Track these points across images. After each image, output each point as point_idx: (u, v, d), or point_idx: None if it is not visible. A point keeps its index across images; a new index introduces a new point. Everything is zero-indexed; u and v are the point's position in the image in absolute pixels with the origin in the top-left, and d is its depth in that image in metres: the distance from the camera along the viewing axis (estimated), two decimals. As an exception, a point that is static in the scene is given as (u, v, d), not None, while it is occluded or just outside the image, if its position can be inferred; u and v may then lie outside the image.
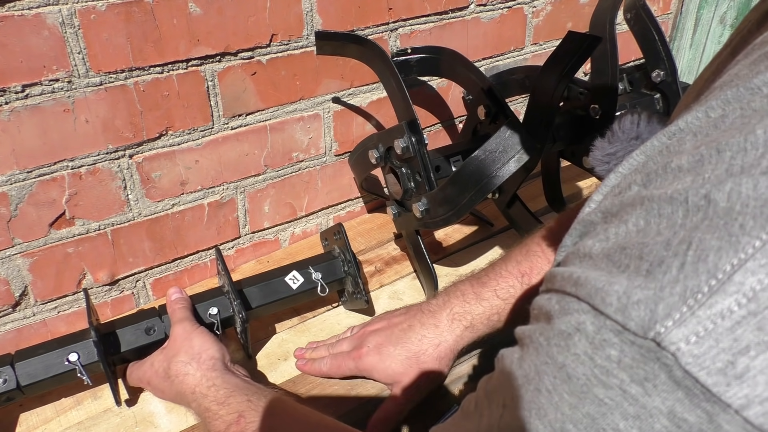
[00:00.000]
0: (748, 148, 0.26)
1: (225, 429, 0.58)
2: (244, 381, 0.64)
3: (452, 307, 0.68)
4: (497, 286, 0.67)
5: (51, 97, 0.70)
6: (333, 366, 0.72)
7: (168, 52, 0.76)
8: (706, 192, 0.26)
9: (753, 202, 0.24)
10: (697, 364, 0.24)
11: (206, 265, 0.94)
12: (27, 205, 0.74)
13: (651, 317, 0.25)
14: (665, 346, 0.25)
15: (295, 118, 0.91)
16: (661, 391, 0.25)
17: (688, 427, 0.25)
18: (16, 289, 0.77)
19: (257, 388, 0.62)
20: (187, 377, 0.65)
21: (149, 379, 0.69)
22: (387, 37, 0.95)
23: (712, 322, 0.24)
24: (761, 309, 0.23)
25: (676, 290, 0.25)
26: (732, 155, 0.26)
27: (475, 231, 1.05)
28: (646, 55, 0.94)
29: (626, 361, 0.26)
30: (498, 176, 0.68)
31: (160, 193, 0.84)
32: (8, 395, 0.67)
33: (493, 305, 0.67)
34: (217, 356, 0.66)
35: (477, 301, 0.67)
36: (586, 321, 0.28)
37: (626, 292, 0.26)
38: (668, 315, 0.25)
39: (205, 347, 0.67)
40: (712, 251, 0.24)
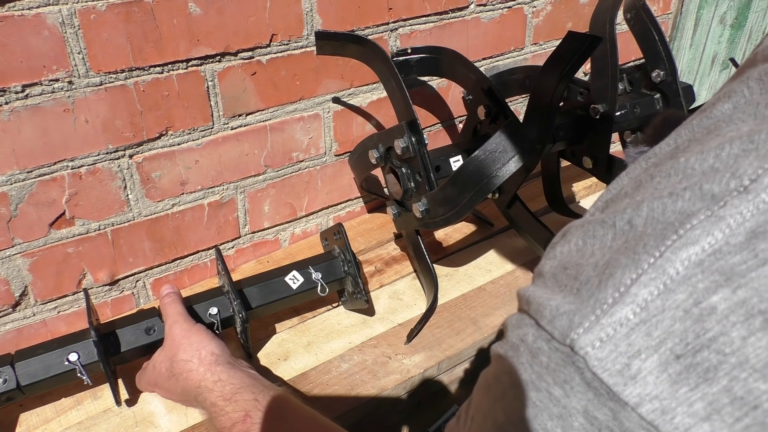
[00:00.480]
0: (671, 174, 0.29)
1: (231, 426, 0.57)
2: (250, 377, 0.63)
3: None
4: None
5: (51, 97, 0.70)
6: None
7: (168, 52, 0.76)
8: (629, 217, 0.29)
9: (657, 224, 0.27)
10: (601, 366, 0.27)
11: (206, 265, 0.94)
12: (27, 205, 0.74)
13: (569, 325, 0.28)
14: (577, 350, 0.28)
15: (295, 118, 0.91)
16: (577, 392, 0.28)
17: (598, 424, 0.27)
18: (16, 289, 0.77)
19: (263, 386, 0.62)
20: (191, 373, 0.64)
21: (155, 381, 0.69)
22: (387, 37, 0.95)
23: (612, 328, 0.27)
24: (650, 317, 0.26)
25: (590, 302, 0.28)
26: (658, 181, 0.29)
27: (475, 231, 1.05)
28: (646, 55, 0.94)
29: (552, 365, 0.29)
30: (498, 176, 0.68)
31: (160, 193, 0.84)
32: (8, 395, 0.67)
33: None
34: (218, 351, 0.66)
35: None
36: (529, 333, 0.31)
37: (558, 306, 0.29)
38: (580, 323, 0.28)
39: (204, 343, 0.67)
40: (620, 268, 0.27)
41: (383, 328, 0.84)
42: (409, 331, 0.82)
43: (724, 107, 0.31)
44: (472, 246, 1.01)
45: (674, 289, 0.26)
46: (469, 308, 0.88)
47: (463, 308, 0.88)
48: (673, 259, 0.26)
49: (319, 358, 0.79)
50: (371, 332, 0.84)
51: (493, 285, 0.92)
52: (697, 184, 0.27)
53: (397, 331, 0.84)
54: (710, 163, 0.28)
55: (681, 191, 0.27)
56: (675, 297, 0.26)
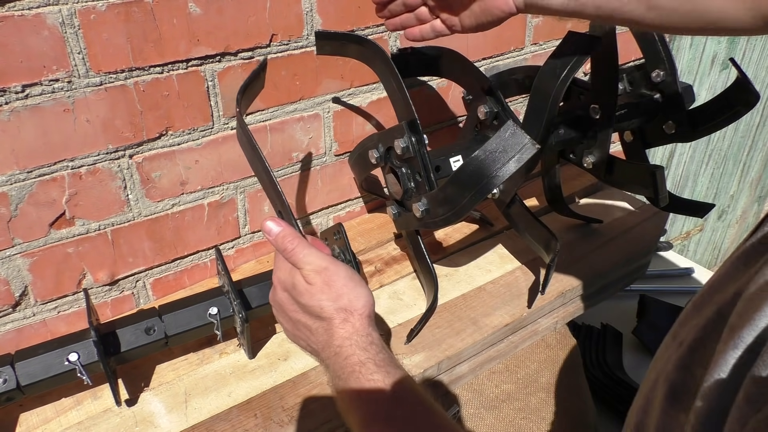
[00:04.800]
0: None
1: (376, 398, 0.52)
2: (394, 357, 0.58)
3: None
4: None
5: (51, 97, 0.70)
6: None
7: (168, 52, 0.76)
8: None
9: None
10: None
11: (206, 265, 0.94)
12: (27, 205, 0.74)
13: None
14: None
15: (295, 118, 0.91)
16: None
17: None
18: (16, 289, 0.77)
19: (407, 373, 0.56)
20: (346, 324, 0.57)
21: (291, 313, 0.60)
22: (387, 37, 0.95)
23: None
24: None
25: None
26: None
27: (475, 231, 1.05)
28: (646, 55, 0.94)
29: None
30: (498, 176, 0.68)
31: (160, 193, 0.84)
32: (8, 395, 0.67)
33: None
34: (373, 314, 0.59)
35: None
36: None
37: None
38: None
39: (369, 299, 0.59)
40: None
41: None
42: (409, 331, 0.82)
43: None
44: (472, 246, 1.01)
45: None
46: (469, 308, 0.88)
47: (463, 308, 0.88)
48: None
49: (319, 358, 0.79)
50: (371, 332, 0.84)
51: (493, 285, 0.92)
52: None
53: (397, 331, 0.84)
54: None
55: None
56: None
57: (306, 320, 0.59)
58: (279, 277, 0.61)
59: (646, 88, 0.96)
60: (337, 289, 0.57)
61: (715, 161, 2.17)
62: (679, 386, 0.42)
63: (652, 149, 1.78)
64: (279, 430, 0.70)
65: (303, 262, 0.58)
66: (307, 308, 0.58)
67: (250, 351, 0.79)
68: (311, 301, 0.58)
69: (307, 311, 0.59)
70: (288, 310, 0.60)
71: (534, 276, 0.94)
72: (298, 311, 0.60)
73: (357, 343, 0.55)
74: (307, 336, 0.59)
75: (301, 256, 0.58)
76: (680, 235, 2.26)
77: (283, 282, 0.61)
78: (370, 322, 0.58)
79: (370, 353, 0.55)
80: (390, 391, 0.52)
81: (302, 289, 0.58)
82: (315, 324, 0.58)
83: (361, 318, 0.57)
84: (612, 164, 0.91)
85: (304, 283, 0.58)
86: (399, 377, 0.53)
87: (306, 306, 0.58)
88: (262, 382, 0.76)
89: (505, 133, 0.67)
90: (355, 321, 0.57)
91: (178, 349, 0.80)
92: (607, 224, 1.07)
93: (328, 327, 0.57)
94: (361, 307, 0.57)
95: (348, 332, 0.56)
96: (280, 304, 0.62)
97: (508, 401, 0.88)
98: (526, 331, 0.91)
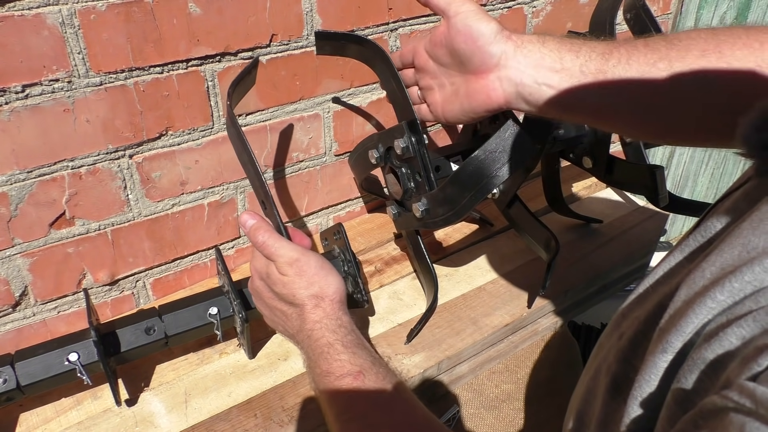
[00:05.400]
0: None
1: (342, 374, 0.55)
2: (363, 339, 0.61)
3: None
4: None
5: (51, 97, 0.70)
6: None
7: (168, 52, 0.76)
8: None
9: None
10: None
11: (206, 265, 0.94)
12: (27, 205, 0.74)
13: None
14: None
15: (295, 118, 0.91)
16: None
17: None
18: (16, 289, 0.77)
19: (378, 356, 0.59)
20: (317, 309, 0.61)
21: (267, 300, 0.65)
22: (387, 37, 0.95)
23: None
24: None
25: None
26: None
27: (475, 231, 1.05)
28: (646, 55, 0.94)
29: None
30: (498, 176, 0.68)
31: (160, 193, 0.84)
32: (8, 395, 0.67)
33: None
34: (344, 299, 0.63)
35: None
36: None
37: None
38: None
39: (339, 286, 0.63)
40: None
41: (383, 328, 0.84)
42: (409, 331, 0.82)
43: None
44: (472, 246, 1.01)
45: None
46: (469, 308, 0.88)
47: (463, 308, 0.88)
48: None
49: (319, 358, 0.79)
50: (371, 332, 0.84)
51: (493, 285, 0.92)
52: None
53: (397, 331, 0.84)
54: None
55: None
56: None
57: (281, 306, 0.64)
58: (255, 266, 0.66)
59: (646, 88, 0.96)
60: (309, 277, 0.62)
61: (715, 161, 2.17)
62: (620, 378, 0.43)
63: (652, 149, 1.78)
64: (279, 430, 0.70)
65: (275, 255, 0.63)
66: (281, 296, 0.63)
67: (250, 351, 0.79)
68: (284, 289, 0.62)
69: (282, 298, 0.63)
70: (265, 297, 0.65)
71: (534, 276, 0.94)
72: (273, 298, 0.64)
73: (327, 326, 0.60)
74: (284, 321, 0.64)
75: (273, 249, 0.63)
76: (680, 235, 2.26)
77: (259, 271, 0.65)
78: (340, 307, 0.62)
79: (339, 335, 0.59)
80: (354, 368, 0.56)
81: (276, 279, 0.63)
82: (289, 310, 0.63)
83: (332, 303, 0.62)
84: (612, 164, 0.91)
85: (278, 274, 0.63)
86: (364, 357, 0.57)
87: (280, 294, 0.63)
88: (262, 382, 0.76)
89: (505, 133, 0.67)
90: (326, 306, 0.61)
91: (178, 349, 0.80)
92: (607, 224, 1.07)
93: (301, 312, 0.61)
94: (332, 293, 0.62)
95: (319, 316, 0.60)
96: (257, 292, 0.67)
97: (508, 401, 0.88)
98: (526, 331, 0.91)
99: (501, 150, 0.67)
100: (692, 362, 0.32)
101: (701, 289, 0.35)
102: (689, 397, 0.32)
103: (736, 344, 0.30)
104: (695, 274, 0.36)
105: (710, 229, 0.42)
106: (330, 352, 0.57)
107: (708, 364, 0.31)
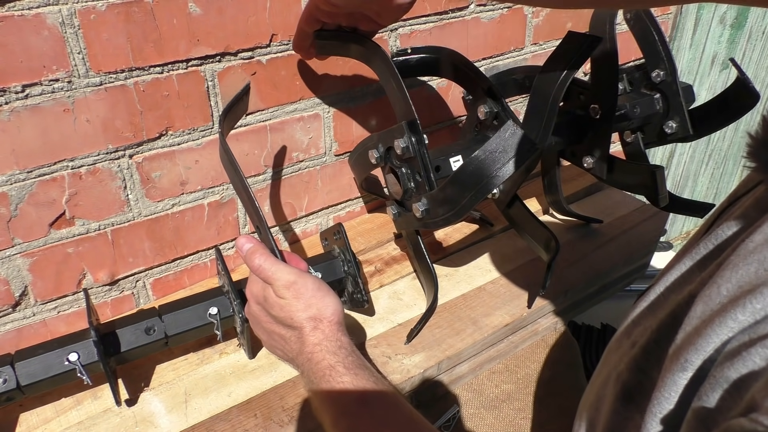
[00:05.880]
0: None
1: (344, 397, 0.54)
2: (363, 359, 0.61)
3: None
4: None
5: (51, 97, 0.70)
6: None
7: (168, 52, 0.76)
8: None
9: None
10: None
11: (206, 265, 0.94)
12: (27, 205, 0.74)
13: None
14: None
15: (295, 118, 0.91)
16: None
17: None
18: (16, 289, 0.77)
19: (381, 375, 0.59)
20: (316, 331, 0.60)
21: (265, 325, 0.64)
22: (387, 37, 0.95)
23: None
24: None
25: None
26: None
27: (475, 231, 1.05)
28: (646, 55, 0.94)
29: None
30: (498, 176, 0.68)
31: (160, 193, 0.84)
32: (8, 395, 0.67)
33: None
34: (342, 320, 0.62)
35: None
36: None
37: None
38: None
39: (337, 307, 0.62)
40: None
41: (383, 328, 0.84)
42: (409, 331, 0.82)
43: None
44: (472, 246, 1.01)
45: None
46: (469, 308, 0.88)
47: (463, 308, 0.88)
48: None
49: (319, 358, 0.79)
50: (371, 332, 0.84)
51: (493, 285, 0.92)
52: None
53: (397, 331, 0.84)
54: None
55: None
56: None
57: (279, 330, 0.63)
58: (252, 291, 0.65)
59: (646, 88, 0.96)
60: (306, 300, 0.61)
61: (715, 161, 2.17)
62: (632, 386, 0.43)
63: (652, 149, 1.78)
64: (279, 430, 0.70)
65: (272, 278, 0.62)
66: (279, 319, 0.62)
67: (250, 351, 0.79)
68: (282, 312, 0.61)
69: (279, 322, 0.62)
70: (262, 321, 0.65)
71: (534, 276, 0.94)
72: (271, 322, 0.63)
73: (327, 348, 0.59)
74: (282, 345, 0.63)
75: (269, 273, 0.62)
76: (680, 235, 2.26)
77: (255, 296, 0.65)
78: (339, 328, 0.61)
79: (339, 357, 0.58)
80: (358, 391, 0.55)
81: (273, 302, 0.62)
82: (288, 333, 0.62)
83: (330, 325, 0.61)
84: (612, 164, 0.91)
85: (275, 297, 0.62)
86: (366, 378, 0.56)
87: (278, 318, 0.62)
88: (262, 382, 0.76)
89: (505, 133, 0.67)
90: (325, 328, 0.60)
91: (178, 349, 0.80)
92: (607, 224, 1.07)
93: (300, 335, 0.60)
94: (329, 315, 0.61)
95: (318, 339, 0.59)
96: (255, 317, 0.66)
97: (508, 401, 0.88)
98: (526, 331, 0.91)
99: (501, 150, 0.68)
100: (714, 381, 0.32)
101: (719, 307, 0.35)
102: (712, 416, 0.32)
103: (761, 364, 0.30)
104: (711, 290, 0.36)
105: (720, 236, 0.42)
106: (332, 375, 0.56)
107: (731, 383, 0.31)
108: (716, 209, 0.47)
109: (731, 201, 0.45)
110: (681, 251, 0.46)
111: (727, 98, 0.91)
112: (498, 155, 0.68)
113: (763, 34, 1.96)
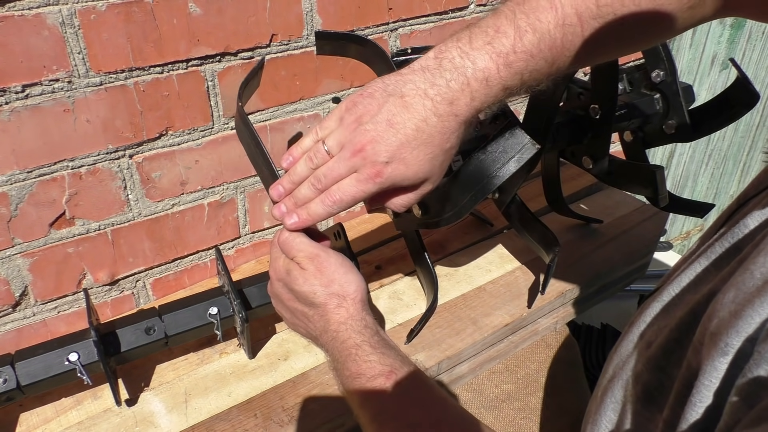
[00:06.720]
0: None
1: (373, 375, 0.54)
2: (389, 338, 0.60)
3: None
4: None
5: (51, 97, 0.70)
6: (344, 199, 0.58)
7: (168, 52, 0.76)
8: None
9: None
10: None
11: (206, 265, 0.94)
12: (27, 205, 0.74)
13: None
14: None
15: (295, 118, 0.91)
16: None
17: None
18: (16, 289, 0.77)
19: (405, 354, 0.58)
20: (340, 309, 0.59)
21: (287, 302, 0.63)
22: (387, 37, 0.95)
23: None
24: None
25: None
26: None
27: (475, 231, 1.05)
28: (645, 55, 0.94)
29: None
30: (498, 176, 0.68)
31: (160, 193, 0.84)
32: (8, 395, 0.67)
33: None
34: (365, 298, 0.61)
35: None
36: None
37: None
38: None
39: (360, 284, 0.60)
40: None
41: (383, 328, 0.84)
42: (409, 331, 0.82)
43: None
44: (472, 246, 1.01)
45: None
46: (469, 308, 0.88)
47: (463, 308, 0.88)
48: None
49: (319, 358, 0.79)
50: (371, 332, 0.84)
51: (493, 285, 0.92)
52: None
53: (397, 331, 0.84)
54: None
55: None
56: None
57: (302, 308, 0.62)
58: (275, 268, 0.64)
59: (646, 88, 0.96)
60: (329, 275, 0.60)
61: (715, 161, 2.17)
62: (653, 387, 0.43)
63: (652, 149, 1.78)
64: (279, 430, 0.70)
65: (295, 249, 0.61)
66: (300, 295, 0.61)
67: (250, 351, 0.79)
68: (304, 286, 0.60)
69: (301, 299, 0.61)
70: (284, 299, 0.63)
71: (534, 276, 0.94)
72: (293, 299, 0.62)
73: (352, 327, 0.58)
74: (305, 323, 0.62)
75: (294, 244, 0.61)
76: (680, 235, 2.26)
77: (278, 272, 0.64)
78: (363, 307, 0.60)
79: (365, 336, 0.57)
80: (386, 368, 0.54)
81: (296, 275, 0.61)
82: (310, 311, 0.61)
83: (354, 303, 0.60)
84: (612, 164, 0.91)
85: (298, 269, 0.61)
86: (393, 356, 0.56)
87: (299, 293, 0.61)
88: (262, 382, 0.76)
89: (505, 133, 0.67)
90: (349, 306, 0.59)
91: (178, 349, 0.80)
92: (607, 224, 1.07)
93: (324, 313, 0.59)
94: (353, 292, 0.60)
95: (343, 317, 0.59)
96: (277, 295, 0.64)
97: (508, 401, 0.88)
98: (526, 331, 0.91)
99: (501, 150, 0.68)
100: (759, 356, 0.33)
101: (754, 289, 0.35)
102: (756, 391, 0.32)
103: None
104: (743, 276, 0.37)
105: (737, 235, 0.42)
106: (359, 354, 0.56)
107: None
108: (726, 211, 0.47)
109: (742, 202, 0.45)
110: (690, 253, 0.46)
111: (727, 98, 0.91)
112: (498, 155, 0.68)
113: (763, 34, 1.96)
